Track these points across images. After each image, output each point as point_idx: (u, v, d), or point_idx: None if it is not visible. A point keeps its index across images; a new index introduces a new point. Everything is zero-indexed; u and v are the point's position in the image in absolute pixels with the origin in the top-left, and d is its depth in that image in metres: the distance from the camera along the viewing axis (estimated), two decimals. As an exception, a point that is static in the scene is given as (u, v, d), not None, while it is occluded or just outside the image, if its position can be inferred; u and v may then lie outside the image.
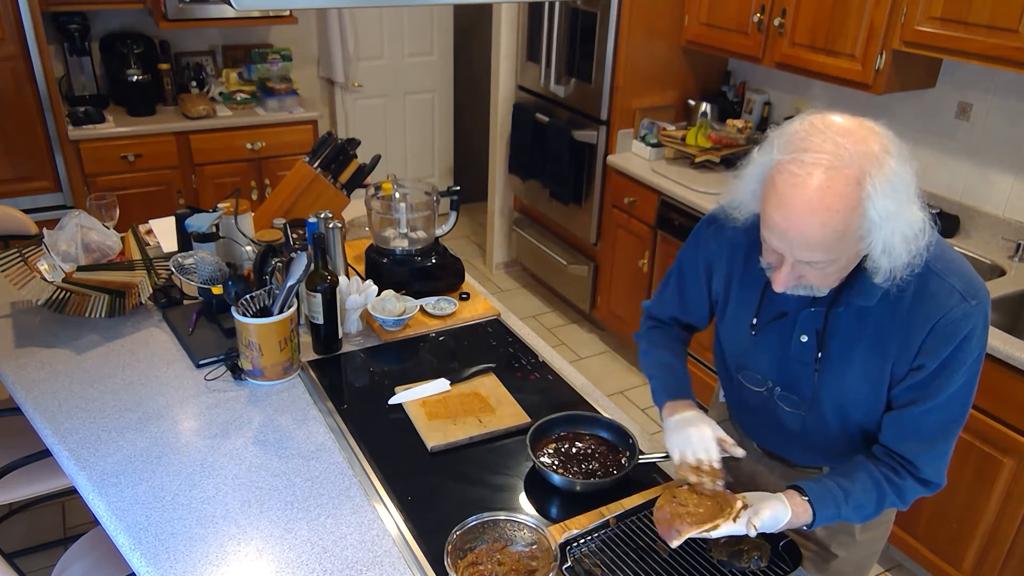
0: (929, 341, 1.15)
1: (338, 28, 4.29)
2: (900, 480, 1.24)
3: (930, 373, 1.17)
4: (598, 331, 4.01)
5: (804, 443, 1.41)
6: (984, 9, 2.21)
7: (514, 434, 1.61)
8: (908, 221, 1.06)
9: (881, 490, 1.24)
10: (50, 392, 1.68)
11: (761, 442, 1.51)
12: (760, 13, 2.92)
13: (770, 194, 1.08)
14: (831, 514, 1.23)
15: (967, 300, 1.13)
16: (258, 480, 1.45)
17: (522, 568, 1.25)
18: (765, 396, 1.38)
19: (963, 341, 1.14)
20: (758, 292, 1.32)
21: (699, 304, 1.46)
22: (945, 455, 1.25)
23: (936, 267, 1.15)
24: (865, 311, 1.20)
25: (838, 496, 1.23)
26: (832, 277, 1.14)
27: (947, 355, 1.15)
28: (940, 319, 1.14)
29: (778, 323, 1.30)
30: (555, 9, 3.58)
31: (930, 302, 1.14)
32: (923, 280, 1.15)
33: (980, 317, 1.15)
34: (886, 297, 1.17)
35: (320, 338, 1.85)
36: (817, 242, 1.05)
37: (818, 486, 1.24)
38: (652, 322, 1.57)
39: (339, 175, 2.32)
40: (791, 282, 1.15)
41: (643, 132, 3.51)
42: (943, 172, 2.78)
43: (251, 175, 3.84)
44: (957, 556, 2.31)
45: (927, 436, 1.22)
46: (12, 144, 3.26)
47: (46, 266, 1.92)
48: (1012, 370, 2.06)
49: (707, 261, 1.40)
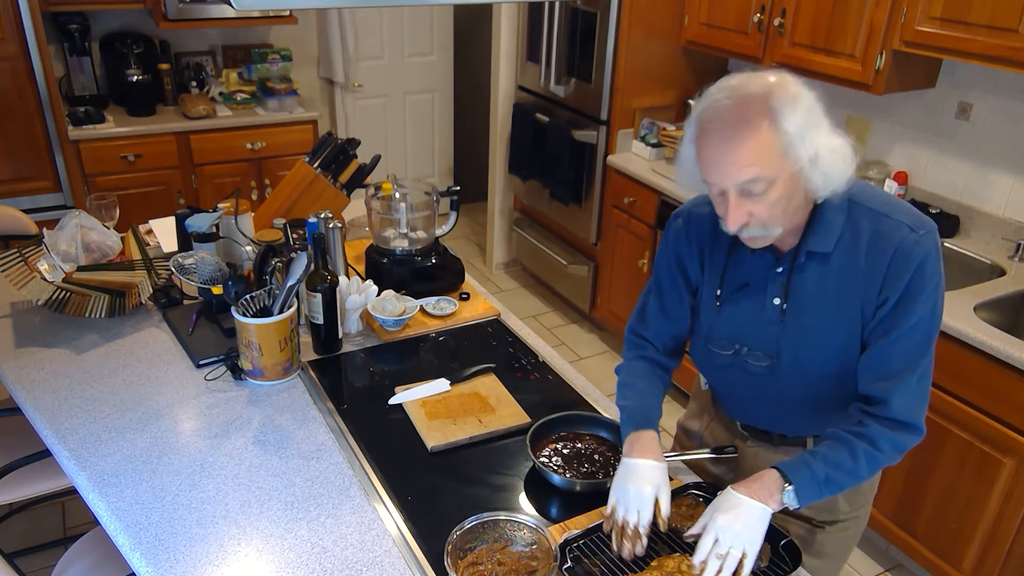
0: (889, 275, 1.23)
1: (338, 28, 4.30)
2: (863, 428, 1.26)
3: (894, 304, 1.24)
4: (598, 331, 4.01)
5: (783, 405, 1.42)
6: (984, 9, 2.21)
7: (514, 434, 1.61)
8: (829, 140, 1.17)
9: (848, 442, 1.26)
10: (50, 392, 1.68)
11: (741, 416, 1.52)
12: (760, 13, 2.92)
13: (698, 138, 1.19)
14: (806, 475, 1.24)
15: (916, 231, 1.23)
16: (258, 480, 1.45)
17: (522, 568, 1.25)
18: (732, 357, 1.41)
19: (918, 268, 1.22)
20: (722, 266, 1.39)
21: (680, 306, 1.47)
22: (915, 391, 1.26)
23: (883, 210, 1.26)
24: (826, 260, 1.27)
25: (807, 458, 1.25)
26: (779, 208, 1.19)
27: (906, 283, 1.22)
28: (895, 251, 1.22)
29: (745, 292, 1.36)
30: (555, 9, 3.58)
31: (884, 239, 1.24)
32: (874, 223, 1.25)
33: (931, 245, 1.23)
34: (843, 245, 1.26)
35: (320, 338, 1.85)
36: (744, 157, 1.14)
37: (787, 459, 1.28)
38: (636, 341, 1.55)
39: (339, 175, 2.32)
40: (742, 218, 1.19)
41: (643, 132, 3.51)
42: (943, 172, 2.78)
43: (251, 175, 3.84)
44: (957, 556, 2.31)
45: (895, 370, 1.25)
46: (12, 144, 3.26)
47: (46, 266, 1.92)
48: (1012, 370, 2.06)
49: (678, 256, 1.44)
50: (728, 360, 1.42)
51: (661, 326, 1.50)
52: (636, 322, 1.55)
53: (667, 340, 1.52)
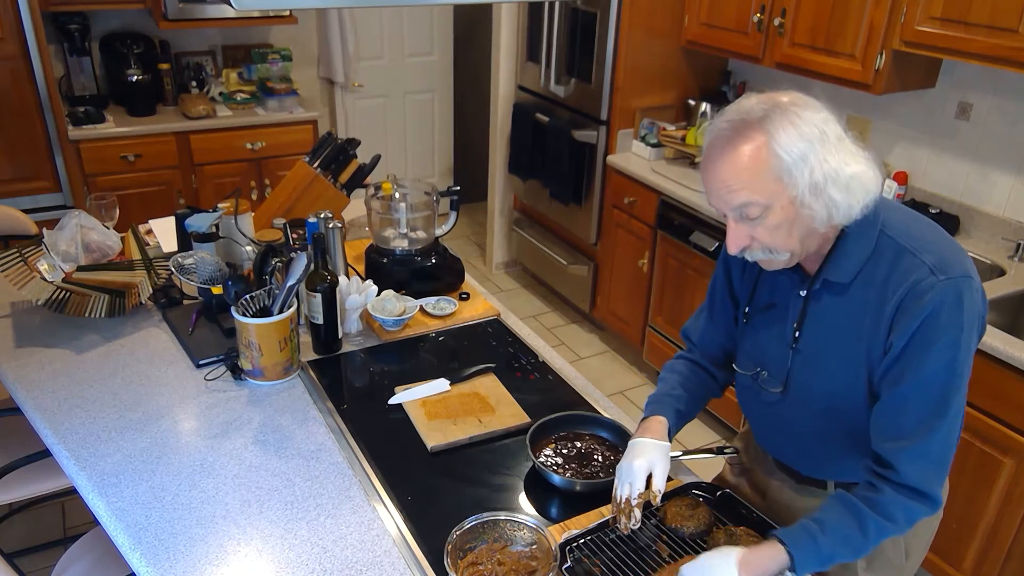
0: (898, 317, 1.15)
1: (338, 28, 4.30)
2: (877, 495, 1.18)
3: (900, 351, 1.15)
4: (598, 331, 4.01)
5: (799, 440, 1.39)
6: (984, 9, 2.21)
7: (514, 434, 1.61)
8: (840, 166, 1.11)
9: (858, 511, 1.18)
10: (50, 392, 1.68)
11: (767, 445, 1.50)
12: (760, 13, 2.92)
13: (702, 161, 1.18)
14: (809, 548, 1.17)
15: (935, 274, 1.13)
16: (258, 480, 1.45)
17: (522, 568, 1.25)
18: (751, 379, 1.40)
19: (930, 316, 1.12)
20: (753, 283, 1.38)
21: (725, 316, 1.46)
22: (928, 456, 1.16)
23: (910, 246, 1.17)
24: (843, 291, 1.22)
25: (812, 528, 1.18)
26: (781, 233, 1.15)
27: (914, 330, 1.13)
28: (907, 293, 1.14)
29: (771, 314, 1.34)
30: (555, 9, 3.58)
31: (899, 277, 1.16)
32: (896, 258, 1.17)
33: (949, 293, 1.12)
34: (863, 278, 1.20)
35: (320, 338, 1.85)
36: (733, 181, 1.12)
37: (791, 527, 1.21)
38: (687, 343, 1.56)
39: (339, 175, 2.32)
40: (743, 241, 1.17)
41: (643, 132, 3.51)
42: (943, 172, 2.78)
43: (251, 175, 3.84)
44: (957, 556, 2.31)
45: (905, 430, 1.16)
46: (12, 144, 3.26)
47: (46, 266, 1.92)
48: (1012, 370, 2.05)
49: (727, 265, 1.44)
50: (748, 382, 1.41)
51: (707, 334, 1.50)
52: (690, 323, 1.55)
53: (714, 349, 1.50)
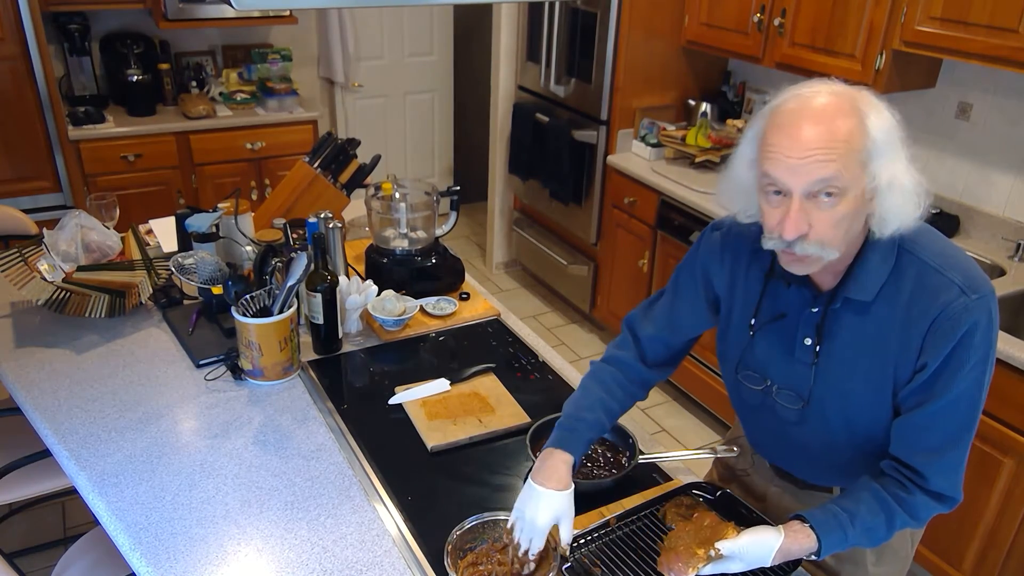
0: (929, 338, 1.12)
1: (338, 28, 4.30)
2: (908, 496, 1.18)
3: (933, 372, 1.14)
4: (598, 331, 4.01)
5: (808, 453, 1.36)
6: (984, 9, 2.21)
7: (514, 434, 1.61)
8: (905, 173, 1.08)
9: (889, 509, 1.18)
10: (50, 392, 1.68)
11: (768, 456, 1.48)
12: (760, 13, 2.92)
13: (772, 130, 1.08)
14: (837, 538, 1.17)
15: (967, 294, 1.11)
16: (258, 480, 1.45)
17: (522, 568, 1.25)
18: (763, 394, 1.35)
19: (965, 336, 1.11)
20: (758, 294, 1.31)
21: (690, 316, 1.41)
22: (957, 465, 1.19)
23: (935, 263, 1.14)
24: (865, 309, 1.17)
25: (843, 519, 1.18)
26: (842, 228, 1.08)
27: (948, 352, 1.12)
28: (939, 314, 1.11)
29: (778, 325, 1.28)
30: (555, 9, 3.58)
31: (929, 298, 1.12)
32: (921, 276, 1.13)
33: (982, 312, 1.12)
34: (885, 296, 1.15)
35: (320, 338, 1.85)
36: (828, 151, 1.03)
37: (821, 512, 1.20)
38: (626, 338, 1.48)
39: (339, 175, 2.32)
40: (803, 227, 1.07)
41: (643, 132, 3.51)
42: (943, 172, 2.77)
43: (251, 175, 3.84)
44: (957, 556, 2.31)
45: (935, 443, 1.17)
46: (12, 144, 3.26)
47: (46, 266, 1.92)
48: (1012, 370, 2.06)
49: (705, 266, 1.37)
50: (759, 398, 1.35)
51: (660, 331, 1.43)
52: (638, 317, 1.47)
53: (659, 347, 1.44)
